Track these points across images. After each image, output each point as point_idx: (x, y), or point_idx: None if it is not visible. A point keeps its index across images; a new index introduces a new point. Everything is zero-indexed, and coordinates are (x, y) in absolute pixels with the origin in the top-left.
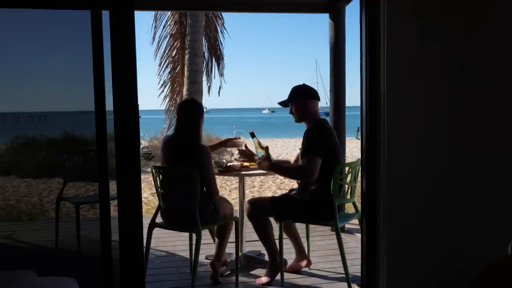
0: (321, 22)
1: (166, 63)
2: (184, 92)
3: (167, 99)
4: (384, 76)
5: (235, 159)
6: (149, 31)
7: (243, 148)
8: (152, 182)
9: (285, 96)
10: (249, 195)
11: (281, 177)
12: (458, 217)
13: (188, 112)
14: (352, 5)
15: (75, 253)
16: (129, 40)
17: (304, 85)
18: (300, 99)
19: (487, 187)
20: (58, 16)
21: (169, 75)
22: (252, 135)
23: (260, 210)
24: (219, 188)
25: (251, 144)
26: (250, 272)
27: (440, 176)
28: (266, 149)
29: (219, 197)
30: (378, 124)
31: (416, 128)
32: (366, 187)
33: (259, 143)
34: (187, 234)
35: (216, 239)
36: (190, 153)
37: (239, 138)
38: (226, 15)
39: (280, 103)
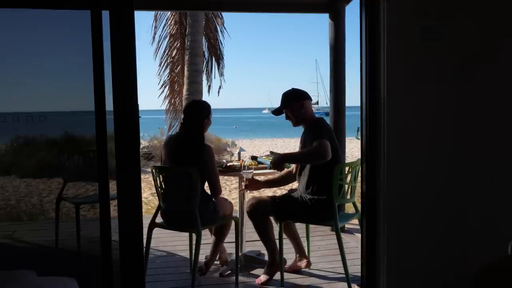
0: (321, 22)
1: (166, 63)
2: (184, 92)
3: (168, 100)
4: (384, 76)
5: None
6: (149, 31)
7: (250, 178)
8: (152, 182)
9: None
10: (249, 195)
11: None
12: (459, 217)
13: (194, 113)
14: (352, 5)
15: (75, 253)
16: (129, 40)
17: (293, 88)
18: (294, 102)
19: (489, 186)
20: (58, 16)
21: (169, 75)
22: (255, 158)
23: (261, 209)
24: None
25: (253, 146)
26: (250, 272)
27: (441, 176)
28: (271, 153)
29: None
30: (378, 124)
31: (416, 128)
32: (366, 187)
33: (263, 160)
34: (187, 234)
35: (213, 237)
36: (194, 153)
37: (243, 161)
38: (226, 15)
39: (273, 112)
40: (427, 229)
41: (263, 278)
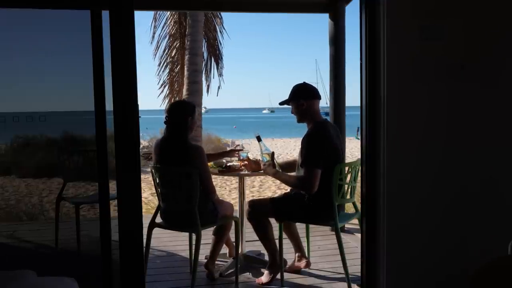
0: (321, 22)
1: (165, 63)
2: (184, 92)
3: (167, 99)
4: (384, 76)
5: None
6: (149, 31)
7: (246, 158)
8: (152, 182)
9: (285, 96)
10: (249, 195)
11: None
12: (458, 217)
13: (175, 114)
14: (352, 5)
15: (75, 253)
16: (129, 40)
17: (304, 83)
18: (301, 98)
19: (487, 186)
20: (58, 16)
21: (169, 75)
22: (259, 139)
23: (260, 211)
24: (219, 188)
25: (253, 146)
26: (250, 272)
27: (440, 176)
28: (272, 155)
29: (217, 198)
30: (378, 124)
31: (416, 128)
32: (366, 187)
33: (265, 147)
34: (187, 234)
35: (214, 238)
36: (179, 154)
37: (242, 149)
38: (226, 15)
39: (280, 103)
40: (427, 229)
41: (264, 279)
